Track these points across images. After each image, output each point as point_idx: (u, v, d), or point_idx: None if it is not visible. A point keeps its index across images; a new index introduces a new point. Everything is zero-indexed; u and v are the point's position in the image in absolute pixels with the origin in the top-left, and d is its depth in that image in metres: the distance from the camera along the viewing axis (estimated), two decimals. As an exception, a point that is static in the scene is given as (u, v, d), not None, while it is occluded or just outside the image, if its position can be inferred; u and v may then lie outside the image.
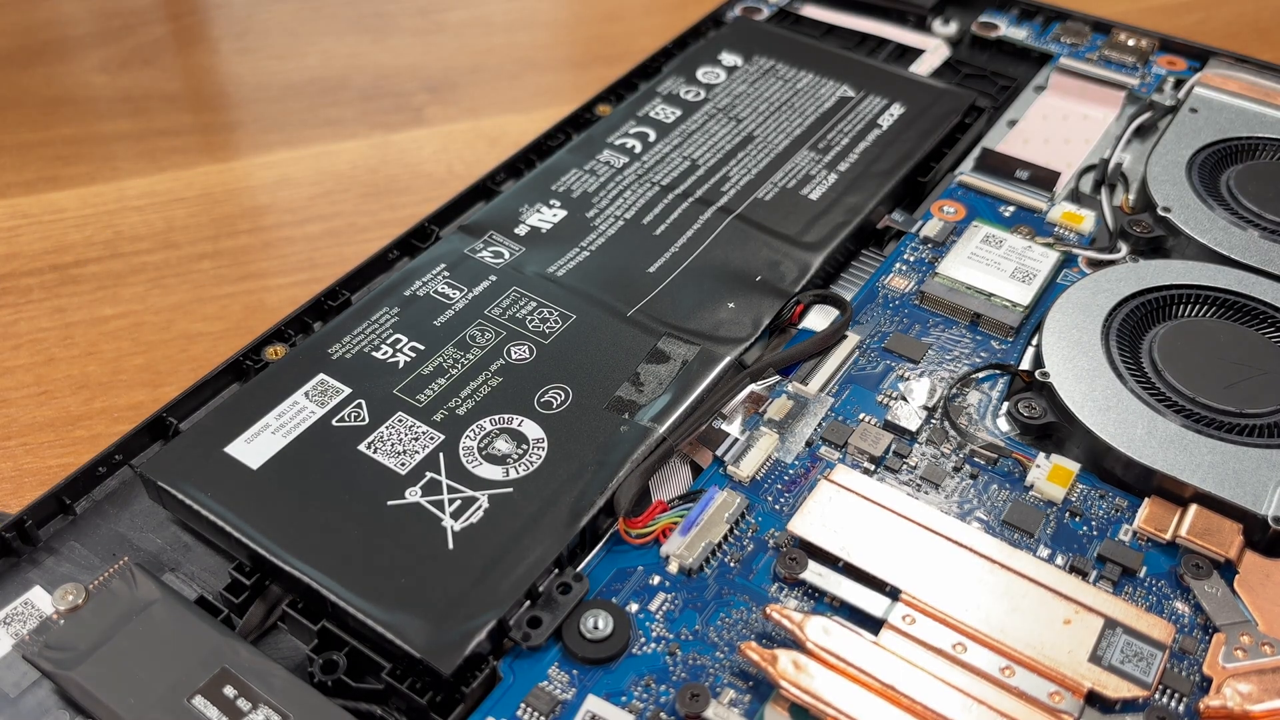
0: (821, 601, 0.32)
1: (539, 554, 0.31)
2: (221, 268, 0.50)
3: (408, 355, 0.37)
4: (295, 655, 0.31)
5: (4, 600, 0.31)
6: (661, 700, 0.29)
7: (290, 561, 0.31)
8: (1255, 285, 0.40)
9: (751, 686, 0.29)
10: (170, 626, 0.30)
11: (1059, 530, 0.33)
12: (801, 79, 0.50)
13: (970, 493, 0.34)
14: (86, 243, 0.51)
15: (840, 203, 0.43)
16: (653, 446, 0.34)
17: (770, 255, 0.41)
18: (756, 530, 0.33)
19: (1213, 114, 0.48)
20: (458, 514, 0.32)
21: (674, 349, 0.37)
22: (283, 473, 0.33)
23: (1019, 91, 0.52)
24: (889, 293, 0.41)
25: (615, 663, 0.30)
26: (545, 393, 0.36)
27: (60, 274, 0.49)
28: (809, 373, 0.38)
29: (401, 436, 0.34)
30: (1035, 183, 0.46)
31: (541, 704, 0.29)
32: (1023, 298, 0.40)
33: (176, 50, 0.66)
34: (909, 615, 0.30)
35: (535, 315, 0.38)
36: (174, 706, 0.28)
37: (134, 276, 0.49)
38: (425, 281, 0.39)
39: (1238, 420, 0.35)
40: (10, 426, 0.42)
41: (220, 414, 0.35)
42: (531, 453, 0.34)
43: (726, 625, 0.31)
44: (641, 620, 0.31)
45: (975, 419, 0.37)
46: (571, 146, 0.46)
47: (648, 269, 0.40)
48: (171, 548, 0.33)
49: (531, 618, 0.30)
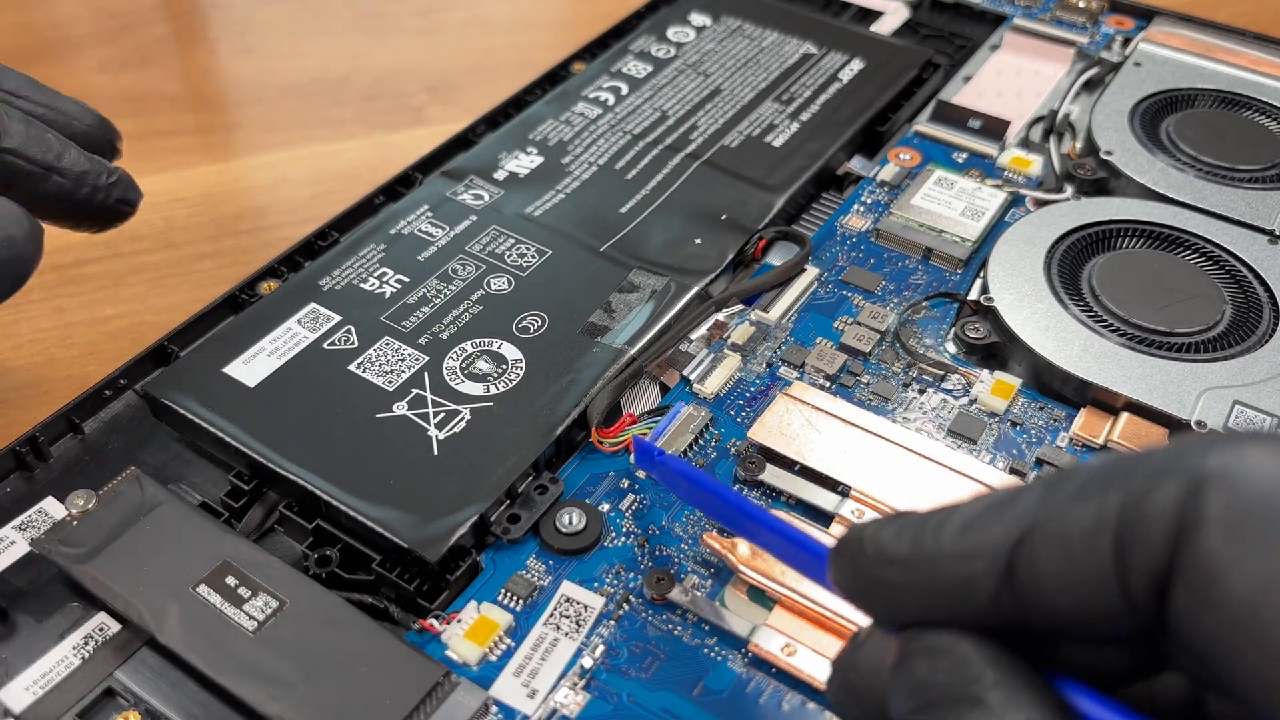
0: (779, 500, 0.34)
1: (517, 458, 0.33)
2: (221, 268, 0.50)
3: (394, 286, 0.39)
4: (291, 554, 0.33)
5: (19, 509, 0.34)
6: (630, 585, 0.32)
7: (287, 467, 0.33)
8: (1189, 220, 0.42)
9: (713, 573, 0.32)
10: (176, 525, 0.32)
11: (1000, 438, 0.36)
12: (767, 37, 0.53)
13: (917, 405, 0.37)
14: (86, 243, 0.50)
15: (802, 149, 0.46)
16: (624, 366, 0.37)
17: (735, 196, 0.43)
18: (720, 440, 0.36)
19: (1155, 67, 0.51)
20: (442, 425, 0.34)
21: (644, 280, 0.40)
22: (278, 390, 0.35)
23: (975, 50, 0.55)
24: (847, 231, 0.44)
25: (588, 554, 0.32)
26: (523, 319, 0.38)
27: (60, 274, 0.49)
28: (770, 302, 0.40)
29: (388, 358, 0.36)
30: (987, 131, 0.49)
31: (520, 589, 0.31)
32: (971, 234, 0.43)
33: (176, 50, 0.67)
34: (858, 509, 0.33)
35: (514, 251, 0.41)
36: (180, 594, 0.30)
37: (134, 276, 0.49)
38: (410, 221, 0.42)
39: (1167, 339, 0.38)
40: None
41: (218, 339, 0.37)
42: (510, 371, 0.36)
43: (691, 521, 0.33)
44: (613, 518, 0.33)
45: (924, 342, 0.39)
46: (548, 99, 0.49)
47: (620, 209, 0.43)
48: (175, 462, 0.36)
49: (511, 514, 0.33)
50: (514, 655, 0.30)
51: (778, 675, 0.30)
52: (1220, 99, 0.49)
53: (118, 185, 0.35)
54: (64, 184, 0.33)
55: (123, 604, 0.30)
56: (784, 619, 0.30)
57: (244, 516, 0.34)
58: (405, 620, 0.31)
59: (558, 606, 0.31)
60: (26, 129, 0.33)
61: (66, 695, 0.29)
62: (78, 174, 0.34)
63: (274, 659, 0.29)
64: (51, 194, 0.33)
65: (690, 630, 0.31)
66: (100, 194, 0.34)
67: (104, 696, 0.29)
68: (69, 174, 0.33)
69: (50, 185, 0.33)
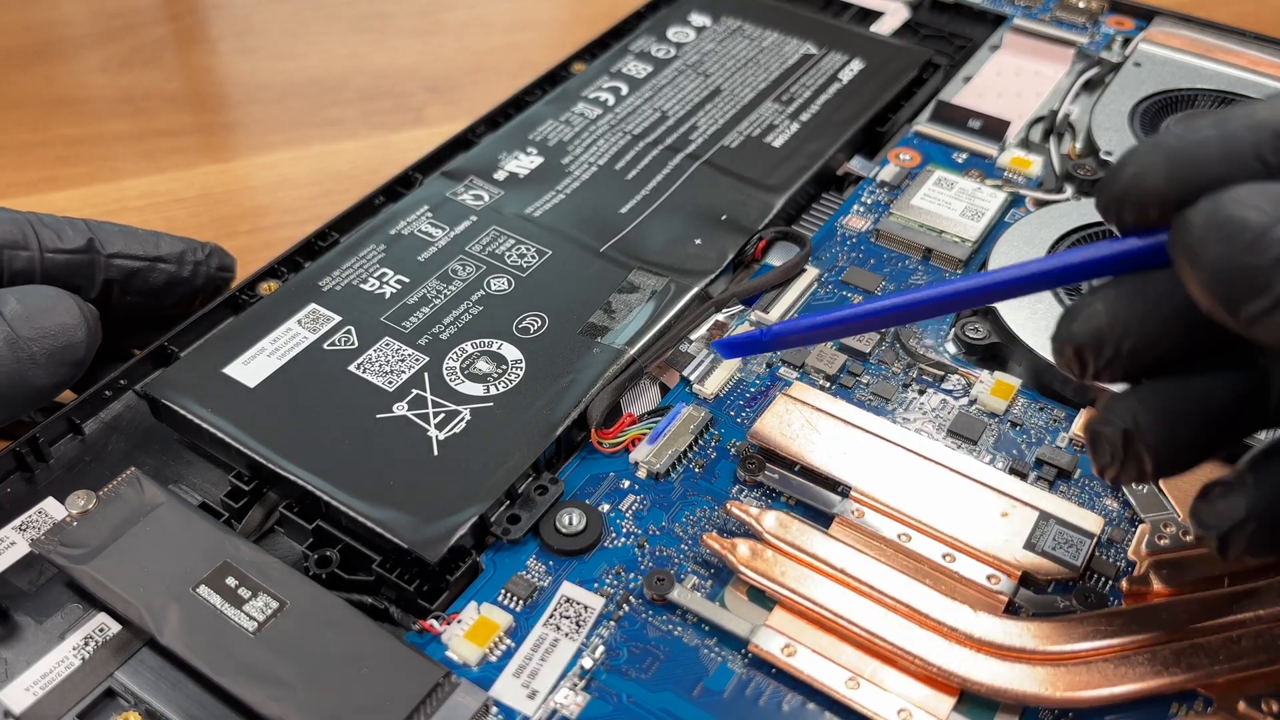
0: (779, 500, 0.34)
1: (517, 459, 0.33)
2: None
3: (394, 287, 0.39)
4: (291, 555, 0.33)
5: (19, 509, 0.34)
6: (630, 586, 0.32)
7: (287, 468, 0.33)
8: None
9: (713, 574, 0.32)
10: (176, 526, 0.32)
11: (1000, 438, 0.36)
12: (767, 38, 0.53)
13: (917, 406, 0.37)
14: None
15: (802, 150, 0.46)
16: (623, 367, 0.37)
17: (735, 197, 0.43)
18: (719, 440, 0.36)
19: (1155, 67, 0.51)
20: (442, 425, 0.34)
21: (644, 280, 0.40)
22: (278, 390, 0.35)
23: (975, 50, 0.55)
24: (847, 231, 0.44)
25: (588, 554, 0.32)
26: (523, 319, 0.38)
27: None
28: (770, 302, 0.40)
29: (389, 358, 0.36)
30: (987, 132, 0.49)
31: (520, 590, 0.31)
32: (971, 234, 0.43)
33: (176, 50, 0.67)
34: (858, 510, 0.33)
35: (514, 251, 0.41)
36: (180, 595, 0.30)
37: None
38: (409, 221, 0.42)
39: (1167, 339, 0.38)
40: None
41: (218, 340, 0.37)
42: (510, 372, 0.36)
43: (690, 522, 0.33)
44: (613, 519, 0.33)
45: (924, 342, 0.39)
46: (548, 100, 0.49)
47: (620, 209, 0.43)
48: (175, 462, 0.36)
49: (511, 515, 0.33)
50: (514, 656, 0.30)
51: (778, 675, 0.30)
52: (1220, 99, 0.49)
53: (214, 255, 0.40)
54: (169, 269, 0.38)
55: (123, 605, 0.30)
56: (784, 619, 0.30)
57: (244, 517, 0.34)
58: (405, 621, 0.31)
59: (558, 607, 0.31)
60: (122, 232, 0.38)
61: (67, 696, 0.29)
62: (177, 255, 0.38)
63: (274, 660, 0.29)
64: (161, 282, 0.38)
65: (690, 630, 0.31)
66: (202, 267, 0.39)
67: (104, 697, 0.29)
68: (170, 258, 0.38)
69: (157, 275, 0.38)
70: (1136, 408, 0.26)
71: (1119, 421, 0.26)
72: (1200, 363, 0.26)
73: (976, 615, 0.30)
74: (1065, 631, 0.29)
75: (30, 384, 0.33)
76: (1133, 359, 0.25)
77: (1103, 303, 0.25)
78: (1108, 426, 0.26)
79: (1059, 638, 0.29)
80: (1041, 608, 0.31)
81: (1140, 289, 0.25)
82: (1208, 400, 0.26)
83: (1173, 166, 0.24)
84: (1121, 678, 0.28)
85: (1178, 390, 0.26)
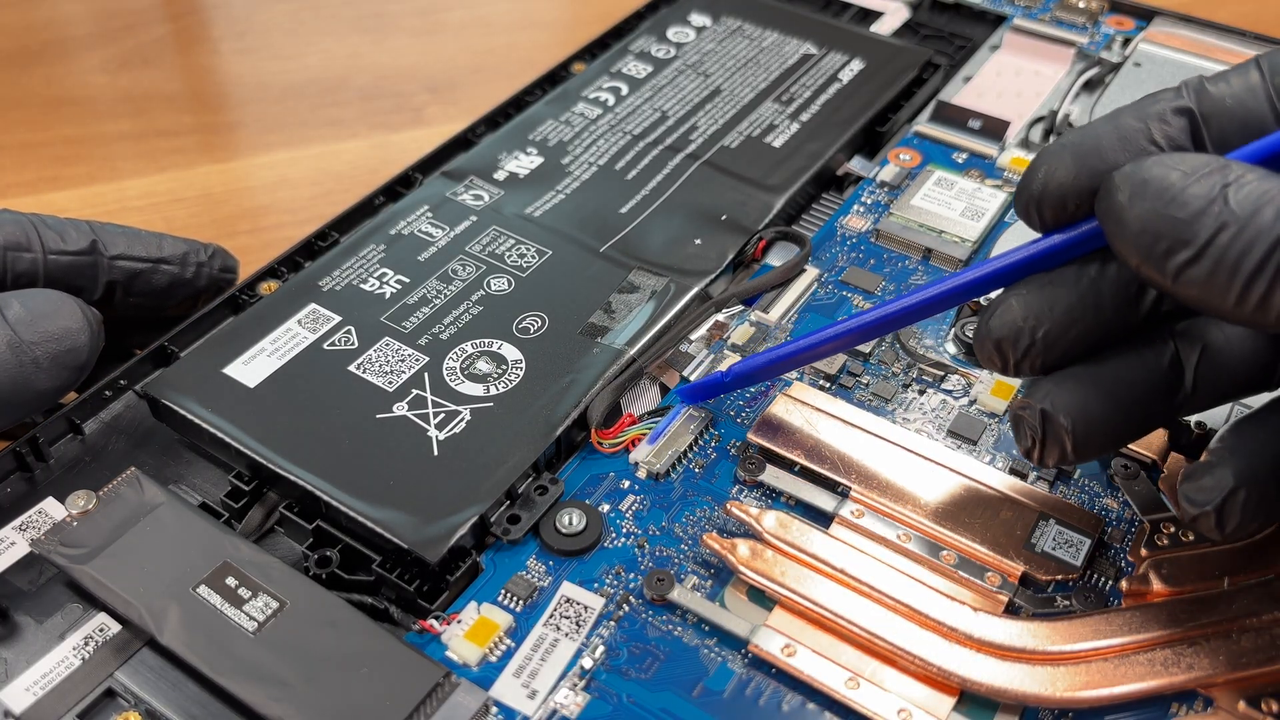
0: (779, 501, 0.34)
1: (518, 459, 0.33)
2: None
3: (394, 287, 0.39)
4: (291, 555, 0.33)
5: (19, 510, 0.34)
6: (630, 586, 0.32)
7: (287, 467, 0.33)
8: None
9: (713, 574, 0.32)
10: (176, 526, 0.32)
11: (1000, 438, 0.36)
12: (767, 38, 0.53)
13: (916, 406, 0.37)
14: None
15: (802, 150, 0.46)
16: (623, 367, 0.37)
17: (735, 197, 0.43)
18: (719, 440, 0.36)
19: (1155, 68, 0.51)
20: (442, 425, 0.34)
21: (644, 281, 0.40)
22: (278, 390, 0.35)
23: (975, 50, 0.55)
24: (847, 231, 0.44)
25: (588, 554, 0.32)
26: (523, 319, 0.38)
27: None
28: (770, 302, 0.40)
29: (389, 358, 0.36)
30: (986, 132, 0.49)
31: (520, 590, 0.31)
32: (971, 234, 0.43)
33: (176, 50, 0.66)
34: (858, 510, 0.33)
35: (514, 251, 0.41)
36: (180, 595, 0.30)
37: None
38: (409, 221, 0.42)
39: (1167, 339, 0.38)
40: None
41: (218, 340, 0.37)
42: (510, 372, 0.36)
43: (690, 522, 0.33)
44: (613, 519, 0.33)
45: (924, 342, 0.39)
46: (547, 100, 0.49)
47: (620, 210, 0.43)
48: (175, 462, 0.36)
49: (511, 515, 0.33)
50: (514, 656, 0.30)
51: (778, 676, 0.30)
52: (1220, 99, 0.49)
53: (216, 256, 0.40)
54: (172, 270, 0.38)
55: (123, 605, 0.30)
56: (784, 619, 0.30)
57: (244, 517, 0.34)
58: (405, 621, 0.31)
59: (558, 607, 0.31)
60: (125, 234, 0.38)
61: (67, 696, 0.29)
62: (180, 256, 0.38)
63: (274, 660, 0.29)
64: (164, 284, 0.38)
65: (690, 631, 0.31)
66: (205, 268, 0.39)
67: (104, 697, 0.29)
68: (173, 260, 0.38)
69: (160, 276, 0.38)
70: (1052, 390, 0.28)
71: (1036, 404, 0.28)
72: (1114, 350, 0.28)
73: (976, 615, 0.30)
74: (1065, 631, 0.29)
75: (33, 388, 0.33)
76: (1048, 348, 0.27)
77: (1015, 298, 0.28)
78: (1026, 410, 0.28)
79: (1059, 638, 0.29)
80: (1041, 608, 0.31)
81: (1049, 281, 0.27)
82: (1119, 381, 0.27)
83: (1079, 158, 0.26)
84: (1121, 678, 0.28)
85: (1090, 373, 0.28)
